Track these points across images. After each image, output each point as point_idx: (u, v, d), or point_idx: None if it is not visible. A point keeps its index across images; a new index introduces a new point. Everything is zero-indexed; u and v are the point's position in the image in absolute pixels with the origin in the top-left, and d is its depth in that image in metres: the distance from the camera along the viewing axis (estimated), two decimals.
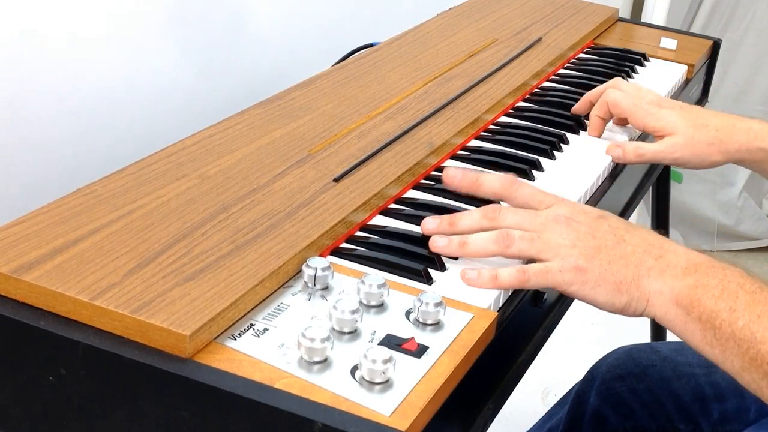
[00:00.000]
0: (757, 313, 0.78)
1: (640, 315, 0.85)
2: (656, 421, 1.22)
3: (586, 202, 1.06)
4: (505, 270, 0.83)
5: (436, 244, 0.86)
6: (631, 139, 1.19)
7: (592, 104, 1.20)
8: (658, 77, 1.42)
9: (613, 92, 1.16)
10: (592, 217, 0.87)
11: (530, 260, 0.86)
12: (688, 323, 0.81)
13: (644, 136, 1.23)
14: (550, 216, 0.86)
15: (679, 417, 1.21)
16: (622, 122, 1.21)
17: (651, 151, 1.13)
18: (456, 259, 0.87)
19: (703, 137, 1.12)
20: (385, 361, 0.68)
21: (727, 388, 1.19)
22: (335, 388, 0.68)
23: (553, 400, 1.40)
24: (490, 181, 0.91)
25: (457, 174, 0.92)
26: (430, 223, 0.89)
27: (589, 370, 1.30)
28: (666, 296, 0.82)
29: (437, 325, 0.76)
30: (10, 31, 1.13)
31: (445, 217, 0.89)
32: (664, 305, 0.83)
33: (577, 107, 1.23)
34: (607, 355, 1.30)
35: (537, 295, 0.91)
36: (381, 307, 0.78)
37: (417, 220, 0.92)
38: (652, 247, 0.85)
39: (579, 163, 1.12)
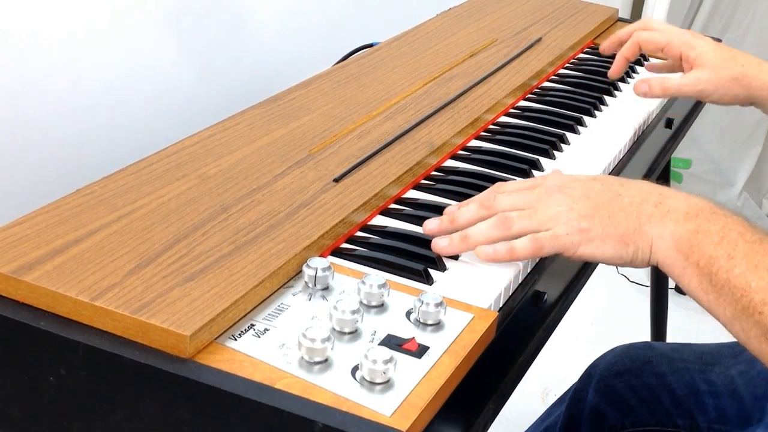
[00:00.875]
0: (755, 263, 0.79)
1: (647, 264, 0.85)
2: (655, 416, 1.22)
3: None
4: (519, 241, 0.85)
5: (439, 246, 0.87)
6: (630, 142, 1.21)
7: (622, 42, 1.27)
8: (657, 77, 1.41)
9: (644, 32, 1.23)
10: (584, 181, 0.88)
11: None
12: (687, 268, 0.82)
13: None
14: (542, 190, 0.88)
15: (677, 412, 1.21)
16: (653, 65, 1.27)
17: (676, 83, 1.18)
18: (456, 258, 0.87)
19: (729, 71, 1.16)
20: (386, 362, 0.68)
21: (722, 388, 1.19)
22: (336, 388, 0.68)
23: (553, 400, 1.39)
24: (467, 209, 0.90)
25: (434, 224, 0.91)
26: (432, 223, 0.89)
27: (586, 369, 1.31)
28: (667, 241, 0.83)
29: (438, 326, 0.76)
30: (11, 32, 1.13)
31: (444, 215, 0.90)
32: (665, 250, 0.83)
33: (606, 46, 1.30)
34: (605, 353, 1.31)
35: (537, 295, 0.91)
36: (381, 307, 0.78)
37: (417, 220, 0.92)
38: (650, 195, 0.86)
39: (579, 162, 1.11)
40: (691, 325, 2.21)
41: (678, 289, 2.07)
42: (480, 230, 0.86)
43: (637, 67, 1.44)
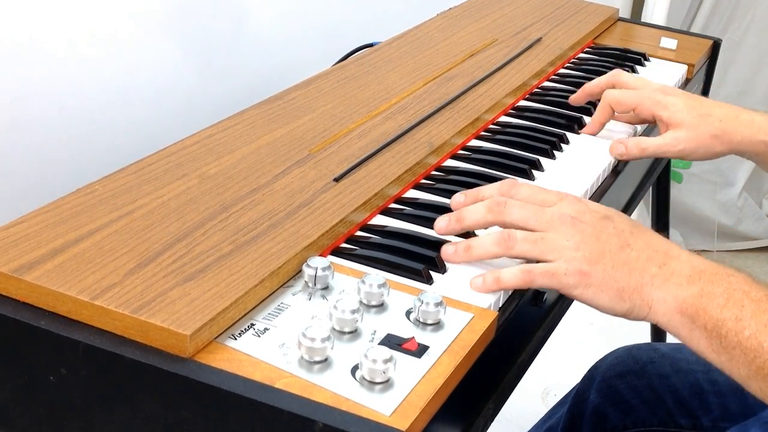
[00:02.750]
0: (764, 322, 0.78)
1: (642, 320, 0.85)
2: (657, 417, 1.22)
3: None
4: (507, 271, 0.83)
5: (446, 253, 0.87)
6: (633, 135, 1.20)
7: (591, 96, 1.21)
8: (658, 77, 1.41)
9: (613, 92, 1.16)
10: (598, 218, 0.86)
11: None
12: (694, 331, 0.81)
13: (647, 131, 1.23)
14: (555, 215, 0.86)
15: (680, 412, 1.21)
16: (624, 117, 1.21)
17: (654, 145, 1.13)
18: (460, 262, 0.87)
19: (707, 128, 1.12)
20: (386, 361, 0.69)
21: (725, 386, 1.19)
22: (336, 387, 0.68)
23: (553, 401, 1.40)
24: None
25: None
26: (441, 222, 0.89)
27: (589, 370, 1.30)
28: (670, 305, 0.82)
29: (437, 325, 0.76)
30: (11, 32, 1.13)
31: (453, 213, 0.89)
32: (667, 313, 0.83)
33: (576, 98, 1.23)
34: (607, 354, 1.31)
35: (537, 295, 0.92)
36: (381, 306, 0.78)
37: (417, 220, 0.93)
38: (656, 254, 0.85)
39: (579, 162, 1.12)
40: None
41: None
42: (482, 244, 0.85)
43: (638, 67, 1.44)
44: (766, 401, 0.79)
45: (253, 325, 0.75)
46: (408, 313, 0.77)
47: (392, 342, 0.74)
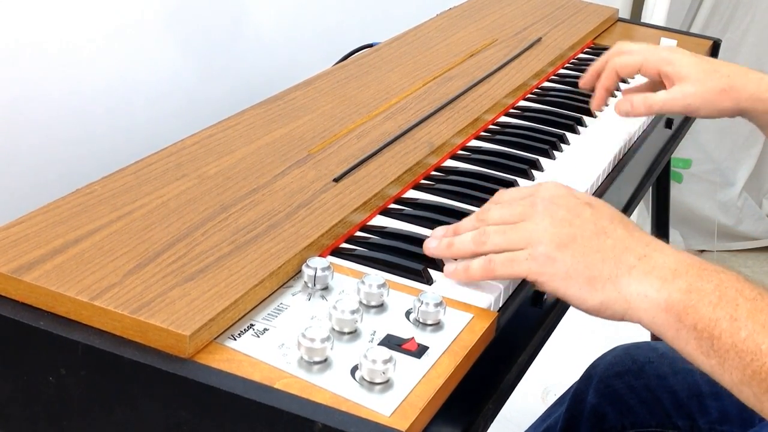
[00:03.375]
0: (761, 323, 0.72)
1: (620, 319, 0.78)
2: (655, 418, 1.22)
3: None
4: (475, 261, 0.80)
5: (428, 246, 0.85)
6: (627, 143, 1.19)
7: (599, 74, 1.19)
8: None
9: (618, 58, 1.15)
10: (576, 203, 0.82)
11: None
12: (681, 331, 0.75)
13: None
14: (527, 203, 0.82)
15: (677, 414, 1.21)
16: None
17: (660, 100, 1.10)
18: (456, 258, 0.87)
19: (714, 83, 1.09)
20: (385, 362, 0.68)
21: (723, 388, 1.19)
22: (335, 388, 0.68)
23: (553, 400, 1.39)
24: (469, 221, 0.86)
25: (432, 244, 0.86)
26: (438, 231, 0.87)
27: (587, 369, 1.30)
28: (652, 300, 0.76)
29: (437, 326, 0.76)
30: (11, 32, 1.13)
31: (444, 239, 0.86)
32: (650, 310, 0.76)
33: (585, 81, 1.21)
34: (605, 353, 1.30)
35: (537, 295, 0.91)
36: (381, 307, 0.78)
37: (417, 220, 0.92)
38: (636, 244, 0.79)
39: (579, 162, 1.11)
40: None
41: None
42: (461, 242, 0.83)
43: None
44: (758, 408, 0.74)
45: (252, 325, 0.74)
46: (408, 314, 0.77)
47: (392, 342, 0.74)
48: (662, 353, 1.25)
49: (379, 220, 0.93)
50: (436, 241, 0.86)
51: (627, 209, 1.32)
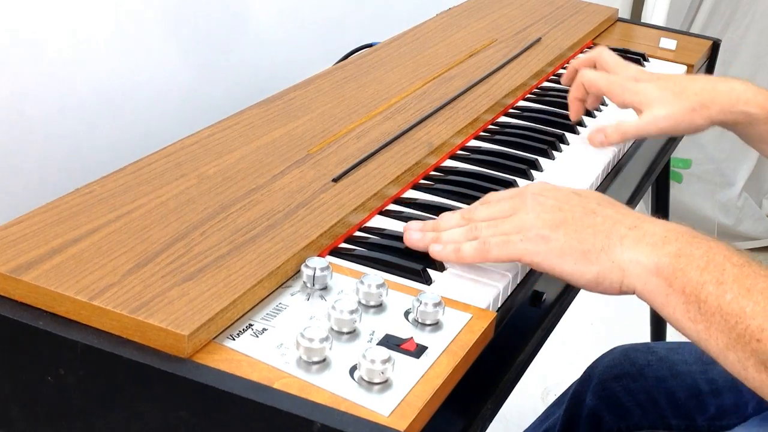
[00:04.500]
0: (746, 287, 0.74)
1: (618, 291, 0.80)
2: (648, 419, 1.22)
3: None
4: (468, 243, 0.82)
5: (411, 238, 0.85)
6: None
7: (576, 70, 1.19)
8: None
9: (589, 72, 1.14)
10: (564, 193, 0.84)
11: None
12: (670, 296, 0.77)
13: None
14: (517, 198, 0.84)
15: (673, 414, 1.21)
16: (595, 104, 1.20)
17: (634, 127, 1.10)
18: (424, 249, 0.87)
19: (684, 104, 1.09)
20: (384, 361, 0.68)
21: (723, 384, 1.19)
22: (334, 388, 0.68)
23: (552, 401, 1.40)
24: (452, 218, 0.87)
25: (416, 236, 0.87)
26: (414, 225, 0.87)
27: (585, 370, 1.30)
28: (644, 265, 0.77)
29: (436, 326, 0.76)
30: (11, 32, 1.13)
31: (429, 222, 0.88)
32: (642, 275, 0.78)
33: (565, 76, 1.22)
34: (603, 354, 1.30)
35: (536, 295, 0.91)
36: (380, 307, 0.78)
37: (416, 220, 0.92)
38: (625, 218, 0.81)
39: (578, 163, 1.11)
40: None
41: None
42: (450, 235, 0.84)
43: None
44: (742, 374, 0.75)
45: (251, 325, 0.74)
46: (406, 314, 0.77)
47: (391, 342, 0.74)
48: (661, 356, 1.25)
49: (378, 220, 0.93)
50: (419, 233, 0.85)
51: None
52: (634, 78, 1.13)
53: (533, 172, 1.07)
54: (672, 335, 1.86)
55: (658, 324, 1.86)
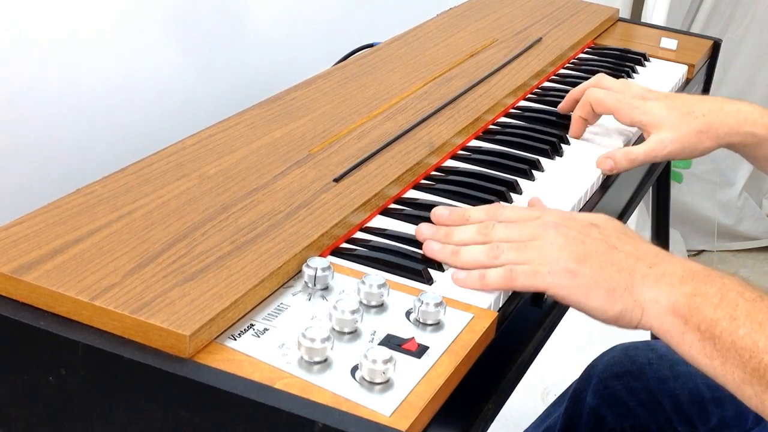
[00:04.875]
0: (759, 322, 0.76)
1: (636, 326, 0.82)
2: (656, 421, 1.22)
3: (586, 203, 1.06)
4: (493, 270, 0.82)
5: (431, 248, 0.86)
6: (626, 144, 1.19)
7: (576, 101, 1.18)
8: (658, 77, 1.41)
9: (596, 91, 1.14)
10: (583, 224, 0.85)
11: None
12: (686, 333, 0.79)
13: (642, 140, 1.23)
14: (539, 224, 0.85)
15: (678, 419, 1.21)
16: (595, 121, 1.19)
17: (642, 153, 1.11)
18: (442, 261, 0.87)
19: (691, 126, 1.09)
20: (386, 361, 0.68)
21: (725, 392, 1.19)
22: (335, 388, 0.68)
23: (552, 401, 1.40)
24: (466, 230, 0.87)
25: (428, 231, 0.88)
26: (427, 230, 0.88)
27: (585, 369, 1.30)
28: (662, 305, 0.80)
29: (437, 326, 0.76)
30: (10, 32, 1.13)
31: (441, 228, 0.88)
32: (660, 315, 0.80)
33: (562, 105, 1.21)
34: (604, 353, 1.30)
35: (537, 295, 0.91)
36: (381, 307, 0.78)
37: (417, 221, 0.92)
38: (645, 255, 0.83)
39: (579, 163, 1.11)
40: None
41: None
42: (470, 253, 0.84)
43: (638, 67, 1.44)
44: (759, 408, 0.77)
45: (252, 325, 0.74)
46: (408, 314, 0.77)
47: (392, 342, 0.74)
48: (661, 354, 1.25)
49: (380, 220, 0.93)
50: (438, 245, 0.86)
51: (627, 209, 1.33)
52: (642, 97, 1.13)
53: (534, 172, 1.07)
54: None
55: None
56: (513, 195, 1.00)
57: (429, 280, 0.83)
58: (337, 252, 0.87)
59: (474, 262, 0.84)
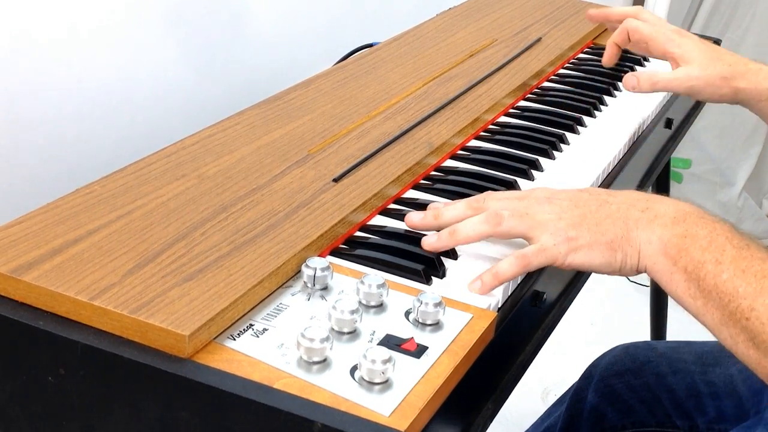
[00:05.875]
0: (742, 268, 0.78)
1: (635, 271, 0.85)
2: (655, 417, 1.22)
3: None
4: (503, 262, 0.83)
5: (428, 242, 0.86)
6: (625, 144, 1.20)
7: (607, 19, 1.27)
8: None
9: (634, 21, 1.20)
10: (572, 192, 0.88)
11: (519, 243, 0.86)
12: (674, 273, 0.81)
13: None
14: (531, 198, 0.87)
15: (677, 413, 1.21)
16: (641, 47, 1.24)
17: (665, 79, 1.16)
18: (455, 259, 0.87)
19: (717, 69, 1.15)
20: (385, 362, 0.68)
21: (722, 388, 1.19)
22: (334, 388, 0.68)
23: (552, 401, 1.40)
24: (455, 207, 0.89)
25: (417, 217, 0.90)
26: (415, 217, 0.88)
27: (587, 368, 1.31)
28: (655, 246, 0.82)
29: (436, 326, 0.76)
30: (10, 31, 1.13)
31: (429, 211, 0.89)
32: (653, 255, 0.83)
33: (593, 12, 1.28)
34: (605, 353, 1.31)
35: (536, 294, 0.91)
36: (380, 307, 0.78)
37: None
38: (637, 201, 0.86)
39: (578, 163, 1.11)
40: (691, 325, 2.21)
41: None
42: (470, 225, 0.85)
43: (637, 67, 1.44)
44: (734, 349, 0.79)
45: (252, 325, 0.74)
46: (407, 314, 0.77)
47: (391, 342, 0.74)
48: (661, 353, 1.25)
49: (379, 220, 0.93)
50: (434, 236, 0.86)
51: None
52: (677, 32, 1.19)
53: (534, 172, 1.07)
54: (672, 335, 1.86)
55: (658, 324, 1.86)
56: None
57: (428, 280, 0.83)
58: (337, 252, 0.87)
59: (476, 233, 0.85)
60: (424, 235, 0.88)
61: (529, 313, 0.92)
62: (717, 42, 1.61)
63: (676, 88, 1.16)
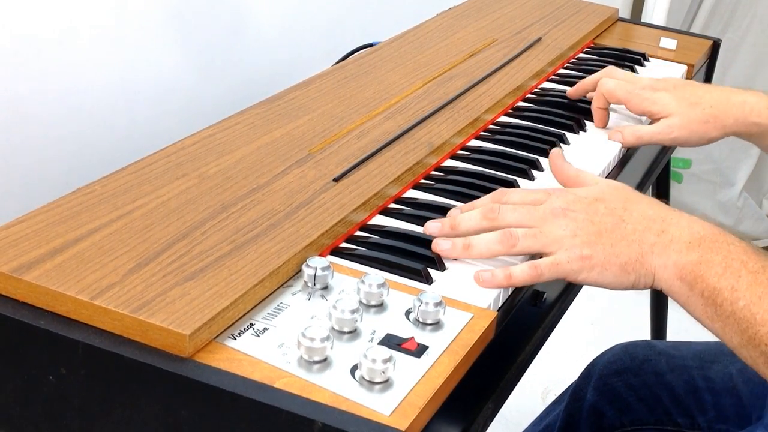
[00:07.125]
0: (758, 295, 0.80)
1: (649, 287, 0.87)
2: (654, 415, 1.22)
3: None
4: (517, 267, 0.85)
5: (440, 247, 0.87)
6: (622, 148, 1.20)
7: (586, 92, 1.24)
8: (658, 77, 1.41)
9: (608, 82, 1.18)
10: (588, 203, 0.88)
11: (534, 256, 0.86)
12: (691, 297, 0.83)
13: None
14: (547, 210, 0.87)
15: (677, 411, 1.21)
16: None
17: (648, 133, 1.16)
18: (456, 258, 0.87)
19: (698, 115, 1.14)
20: (385, 361, 0.69)
21: (721, 385, 1.19)
22: (335, 387, 0.68)
23: (552, 400, 1.40)
24: (471, 217, 0.89)
25: (435, 228, 0.90)
26: (433, 226, 0.89)
27: (586, 367, 1.31)
28: (670, 271, 0.84)
29: (437, 325, 0.76)
30: (10, 31, 1.13)
31: (446, 220, 0.89)
32: (669, 279, 0.84)
33: (572, 92, 1.26)
34: (604, 352, 1.31)
35: (536, 294, 0.92)
36: (381, 306, 0.78)
37: (417, 220, 0.93)
38: (653, 223, 0.86)
39: (578, 163, 1.11)
40: (691, 325, 2.21)
41: None
42: (484, 242, 0.86)
43: (637, 67, 1.44)
44: (755, 368, 0.81)
45: (252, 324, 0.75)
46: (407, 313, 0.77)
47: (392, 342, 0.74)
48: (660, 351, 1.25)
49: (379, 220, 0.93)
50: (448, 242, 0.86)
51: None
52: (651, 87, 1.18)
53: (534, 171, 1.07)
54: (672, 335, 1.86)
55: (658, 324, 1.86)
56: None
57: (429, 280, 0.83)
58: (337, 251, 0.87)
59: (490, 252, 0.86)
60: (426, 236, 0.88)
61: (529, 313, 0.92)
62: (717, 42, 1.60)
63: (661, 141, 1.16)
